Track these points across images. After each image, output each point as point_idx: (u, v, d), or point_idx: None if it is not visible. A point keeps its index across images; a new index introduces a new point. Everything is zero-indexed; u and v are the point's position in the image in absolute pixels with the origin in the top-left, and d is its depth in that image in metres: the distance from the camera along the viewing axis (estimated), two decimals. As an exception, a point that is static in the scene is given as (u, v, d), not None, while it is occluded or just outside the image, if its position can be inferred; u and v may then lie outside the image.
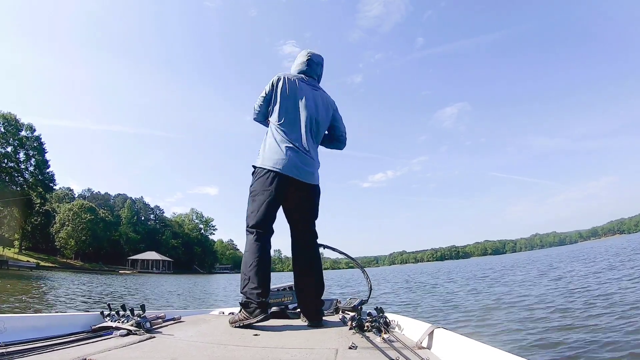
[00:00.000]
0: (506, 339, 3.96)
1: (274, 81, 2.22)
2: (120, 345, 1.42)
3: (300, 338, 1.69)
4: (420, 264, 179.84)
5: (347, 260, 3.28)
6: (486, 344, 1.13)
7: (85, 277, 25.89)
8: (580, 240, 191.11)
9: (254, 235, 2.07)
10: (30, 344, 1.33)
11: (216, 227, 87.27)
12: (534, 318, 4.89)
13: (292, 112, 2.19)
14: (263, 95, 2.25)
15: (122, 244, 64.89)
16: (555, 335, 3.84)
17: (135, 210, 73.04)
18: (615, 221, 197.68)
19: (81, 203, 57.99)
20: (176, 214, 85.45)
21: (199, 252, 78.48)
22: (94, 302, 8.96)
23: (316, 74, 2.39)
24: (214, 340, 1.63)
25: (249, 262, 2.01)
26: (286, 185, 2.10)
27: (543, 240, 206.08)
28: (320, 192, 2.30)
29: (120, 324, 1.66)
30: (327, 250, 2.83)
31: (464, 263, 60.88)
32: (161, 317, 1.95)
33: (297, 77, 2.27)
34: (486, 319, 5.22)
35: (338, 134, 2.47)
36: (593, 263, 14.31)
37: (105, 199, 75.04)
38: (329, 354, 1.35)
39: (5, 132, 41.12)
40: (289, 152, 2.11)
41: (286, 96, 2.19)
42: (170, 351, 1.38)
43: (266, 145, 2.17)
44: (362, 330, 1.70)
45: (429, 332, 1.47)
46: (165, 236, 73.53)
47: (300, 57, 2.39)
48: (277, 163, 2.08)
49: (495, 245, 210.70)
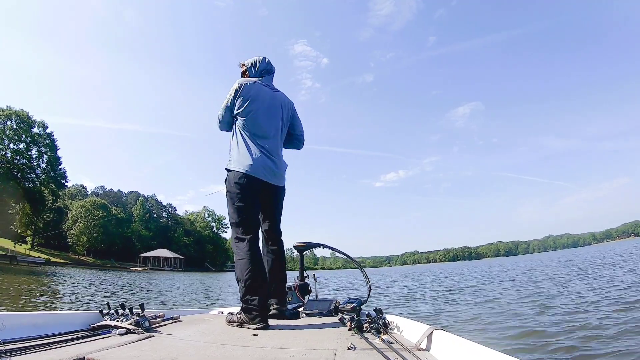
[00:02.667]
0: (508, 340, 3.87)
1: (235, 88, 2.27)
2: (118, 344, 1.42)
3: (299, 338, 1.69)
4: (433, 264, 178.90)
5: (343, 260, 3.28)
6: (485, 346, 1.11)
7: (95, 274, 25.99)
8: (594, 243, 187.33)
9: (245, 243, 2.10)
10: (29, 342, 1.34)
11: (228, 225, 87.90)
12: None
13: (256, 116, 2.26)
14: (225, 104, 2.29)
15: (134, 241, 65.83)
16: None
17: (147, 208, 74.00)
18: (630, 223, 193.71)
19: (94, 200, 58.99)
20: (188, 212, 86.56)
21: (211, 250, 79.20)
22: (89, 301, 8.57)
23: (271, 76, 2.48)
24: (213, 340, 1.63)
25: (245, 270, 2.04)
26: (259, 187, 2.21)
27: (556, 242, 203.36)
28: (285, 192, 2.43)
29: (119, 322, 1.67)
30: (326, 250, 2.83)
31: (476, 264, 58.28)
32: (160, 316, 1.96)
33: (257, 81, 2.35)
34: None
35: (297, 134, 2.56)
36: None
37: (117, 197, 76.03)
38: (328, 354, 1.34)
39: (17, 128, 41.82)
40: (259, 155, 2.21)
41: (249, 101, 2.25)
42: (169, 350, 1.38)
43: (237, 149, 2.23)
44: (361, 331, 1.69)
45: (427, 333, 1.45)
46: (177, 234, 74.34)
47: (257, 63, 2.45)
48: (251, 167, 2.17)
49: (508, 247, 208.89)
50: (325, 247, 2.66)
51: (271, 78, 2.48)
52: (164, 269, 56.44)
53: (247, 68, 2.45)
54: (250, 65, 2.44)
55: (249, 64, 2.45)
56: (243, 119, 2.25)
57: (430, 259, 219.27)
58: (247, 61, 2.46)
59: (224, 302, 10.13)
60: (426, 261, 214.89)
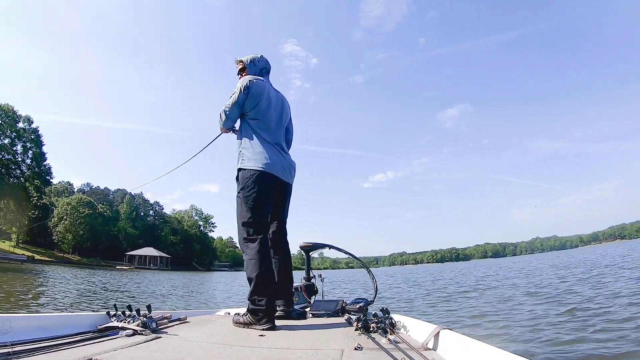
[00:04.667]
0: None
1: (246, 85, 2.20)
2: (126, 345, 1.41)
3: (306, 339, 1.69)
4: (421, 265, 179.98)
5: (347, 260, 3.31)
6: (493, 346, 1.12)
7: (76, 272, 24.74)
8: (581, 245, 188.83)
9: (256, 243, 2.08)
10: (36, 343, 1.33)
11: (216, 224, 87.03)
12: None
13: (269, 116, 2.24)
14: (235, 100, 2.22)
15: (121, 239, 64.52)
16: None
17: (134, 206, 72.72)
18: (617, 226, 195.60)
19: (79, 197, 57.52)
20: (176, 210, 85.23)
21: (198, 249, 78.26)
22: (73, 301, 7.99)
23: (269, 75, 2.44)
24: (220, 341, 1.63)
25: (255, 270, 2.02)
26: (274, 185, 2.19)
27: (544, 244, 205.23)
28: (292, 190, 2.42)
29: (126, 324, 1.66)
30: (325, 250, 2.84)
31: (465, 265, 57.05)
32: (167, 318, 1.96)
33: (263, 79, 2.31)
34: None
35: (289, 137, 2.54)
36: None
37: (104, 194, 74.34)
38: (335, 354, 1.35)
39: (2, 123, 40.70)
40: (273, 153, 2.19)
41: (261, 99, 2.21)
42: (176, 351, 1.38)
43: (252, 148, 2.18)
44: (367, 331, 1.70)
45: (434, 333, 1.47)
46: (164, 232, 73.24)
47: (256, 60, 2.40)
48: (268, 165, 2.14)
49: (495, 248, 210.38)
50: (332, 247, 2.67)
51: (269, 77, 2.43)
52: (150, 268, 55.50)
53: (246, 65, 2.36)
54: (250, 62, 2.36)
55: (248, 60, 2.36)
56: (255, 118, 2.21)
57: (418, 260, 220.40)
58: (245, 58, 2.38)
59: (208, 306, 9.73)
60: (414, 262, 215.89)
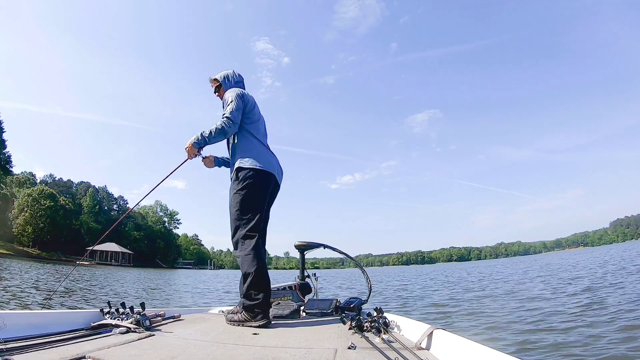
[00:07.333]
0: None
1: (240, 95, 2.33)
2: (119, 342, 1.42)
3: (300, 337, 1.69)
4: (386, 267, 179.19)
5: (334, 260, 3.30)
6: (486, 345, 1.12)
7: (31, 266, 22.24)
8: (544, 251, 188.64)
9: (254, 240, 2.15)
10: (29, 340, 1.34)
11: (181, 220, 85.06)
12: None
13: (261, 123, 2.46)
14: (235, 106, 2.28)
15: (83, 233, 61.37)
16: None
17: (97, 200, 70.55)
18: (580, 234, 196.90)
19: (41, 189, 53.92)
20: (140, 205, 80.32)
21: (162, 246, 75.68)
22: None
23: (244, 87, 2.58)
24: (213, 339, 1.64)
25: (253, 265, 2.08)
26: (272, 186, 2.34)
27: (508, 249, 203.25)
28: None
29: (120, 321, 1.67)
30: (319, 249, 2.84)
31: (431, 268, 55.99)
32: (161, 315, 1.97)
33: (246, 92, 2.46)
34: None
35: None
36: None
37: (67, 186, 70.73)
38: (328, 353, 1.35)
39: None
40: (269, 154, 2.39)
41: (254, 108, 2.40)
42: (170, 349, 1.38)
43: (254, 149, 2.31)
44: (361, 331, 1.70)
45: (428, 333, 1.46)
46: (127, 227, 69.96)
47: (229, 76, 2.53)
48: (270, 165, 2.30)
49: (460, 252, 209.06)
50: (327, 247, 2.67)
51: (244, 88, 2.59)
52: (111, 264, 52.76)
53: (221, 82, 2.50)
54: (224, 79, 2.50)
55: (221, 77, 2.52)
56: (252, 124, 2.36)
57: (384, 262, 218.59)
58: (219, 75, 2.52)
59: (170, 305, 8.91)
60: (380, 264, 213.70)
